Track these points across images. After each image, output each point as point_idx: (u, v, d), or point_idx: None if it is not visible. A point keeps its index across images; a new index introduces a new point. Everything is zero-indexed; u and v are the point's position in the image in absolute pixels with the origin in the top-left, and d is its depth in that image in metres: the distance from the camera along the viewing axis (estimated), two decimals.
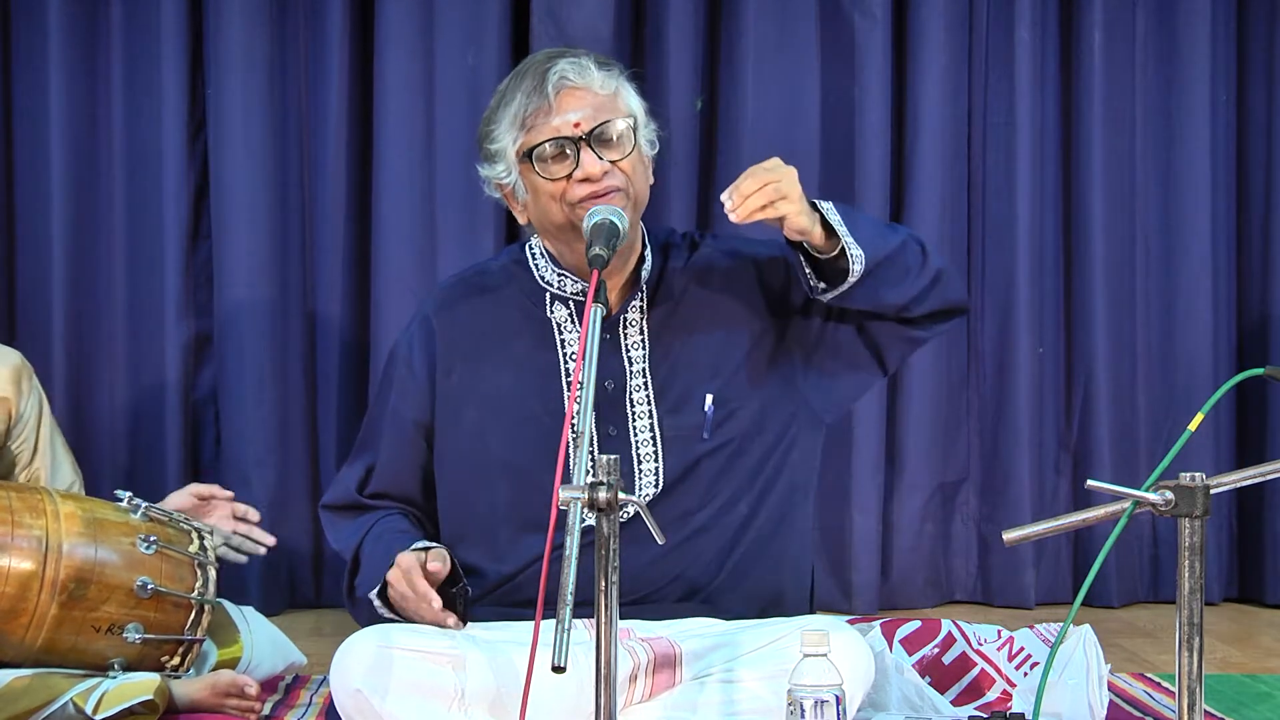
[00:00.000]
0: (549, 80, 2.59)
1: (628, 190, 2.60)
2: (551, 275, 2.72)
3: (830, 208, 2.56)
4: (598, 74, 2.62)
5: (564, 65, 2.61)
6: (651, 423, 2.67)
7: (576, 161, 2.58)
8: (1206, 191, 4.50)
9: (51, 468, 3.15)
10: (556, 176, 2.59)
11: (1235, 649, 3.94)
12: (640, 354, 2.70)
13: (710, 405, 2.67)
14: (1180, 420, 4.53)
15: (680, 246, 2.80)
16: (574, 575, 2.02)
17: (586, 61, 2.63)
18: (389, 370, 2.84)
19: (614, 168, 2.59)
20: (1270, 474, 2.21)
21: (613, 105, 2.63)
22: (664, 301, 2.74)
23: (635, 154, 2.63)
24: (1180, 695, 2.09)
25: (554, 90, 2.59)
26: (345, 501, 2.83)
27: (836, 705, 2.19)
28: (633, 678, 2.53)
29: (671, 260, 2.77)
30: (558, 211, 2.61)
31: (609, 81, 2.64)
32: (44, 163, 4.19)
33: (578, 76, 2.60)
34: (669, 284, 2.75)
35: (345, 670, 2.48)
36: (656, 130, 2.74)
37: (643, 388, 2.68)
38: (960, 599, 4.52)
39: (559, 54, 2.65)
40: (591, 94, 2.61)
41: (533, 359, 2.70)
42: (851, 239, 2.53)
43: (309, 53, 4.29)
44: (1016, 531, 2.19)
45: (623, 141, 2.61)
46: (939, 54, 4.39)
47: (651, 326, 2.71)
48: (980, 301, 4.49)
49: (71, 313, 4.21)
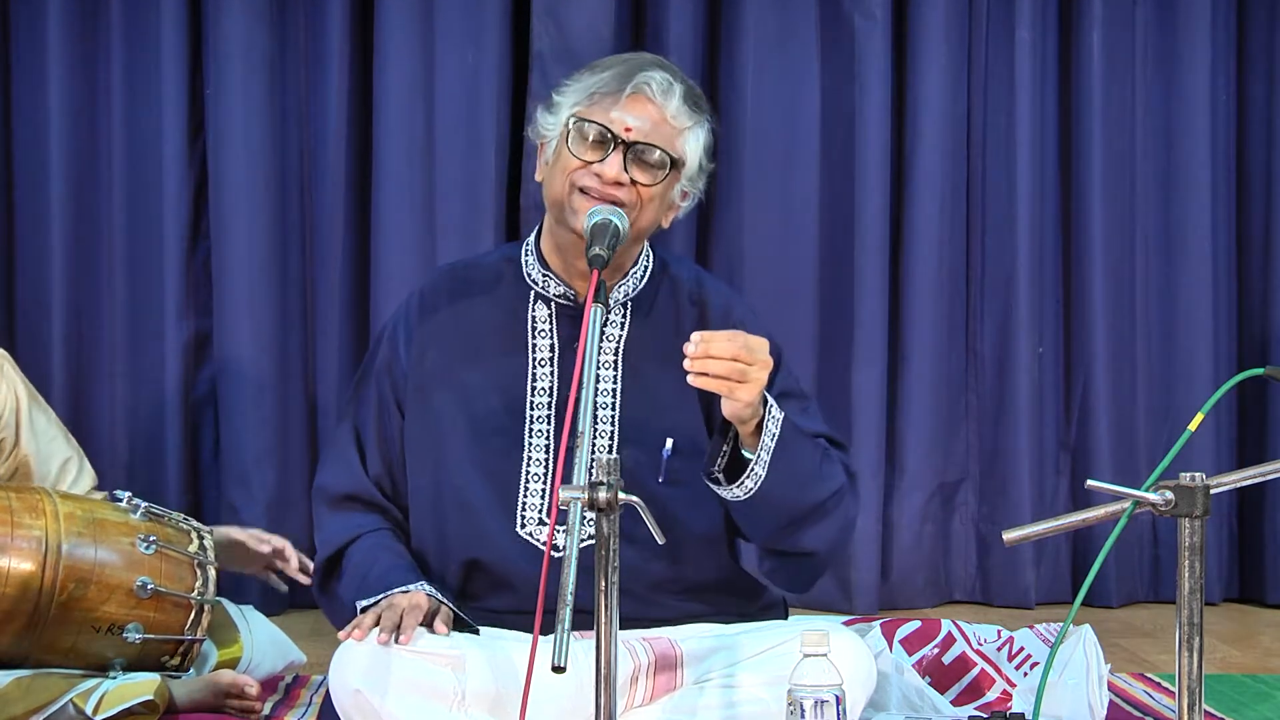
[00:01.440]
0: (634, 78, 2.58)
1: (632, 211, 2.58)
2: (537, 274, 2.72)
3: (776, 424, 2.47)
4: (679, 104, 2.60)
5: (655, 75, 2.59)
6: (611, 445, 2.64)
7: (605, 158, 2.58)
8: (1206, 191, 4.50)
9: (40, 451, 3.10)
10: (581, 157, 2.59)
11: (1235, 649, 3.94)
12: (610, 374, 2.68)
13: (669, 449, 2.64)
14: (1180, 420, 4.53)
15: (680, 277, 2.76)
16: (574, 575, 2.02)
17: (678, 87, 2.61)
18: (376, 345, 2.82)
19: (631, 186, 2.58)
20: (1270, 474, 2.21)
21: (671, 138, 2.60)
22: (645, 325, 2.71)
23: (659, 189, 2.60)
24: (1180, 695, 2.09)
25: (632, 89, 2.58)
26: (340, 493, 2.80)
27: (836, 705, 2.19)
28: (634, 680, 2.53)
29: (664, 285, 2.74)
30: (561, 186, 2.61)
31: (685, 118, 2.61)
32: (44, 163, 4.19)
33: (660, 94, 2.59)
34: (657, 308, 2.72)
35: (344, 670, 2.48)
36: (699, 190, 2.69)
37: (610, 407, 2.67)
38: (960, 599, 4.52)
39: (665, 68, 2.64)
40: (661, 115, 2.59)
41: (503, 358, 2.70)
42: (764, 466, 2.46)
43: (309, 53, 4.29)
44: (1016, 531, 2.19)
45: (655, 171, 2.59)
46: (939, 54, 4.40)
47: (628, 345, 2.70)
48: (980, 302, 4.49)
49: (71, 312, 4.21)
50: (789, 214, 4.37)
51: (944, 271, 4.44)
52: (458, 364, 2.71)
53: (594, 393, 2.60)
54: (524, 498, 2.64)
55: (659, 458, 2.63)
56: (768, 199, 4.36)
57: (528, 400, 2.67)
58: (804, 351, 4.32)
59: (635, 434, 2.64)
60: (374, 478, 2.75)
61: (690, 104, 2.62)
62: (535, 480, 2.64)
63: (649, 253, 2.74)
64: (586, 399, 2.20)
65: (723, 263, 4.36)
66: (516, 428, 2.66)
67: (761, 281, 4.32)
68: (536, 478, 2.64)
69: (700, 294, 2.74)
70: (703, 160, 2.67)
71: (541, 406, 2.67)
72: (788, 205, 4.37)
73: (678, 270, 2.77)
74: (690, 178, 2.66)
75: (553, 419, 2.66)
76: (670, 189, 2.64)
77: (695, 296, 2.74)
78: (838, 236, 4.41)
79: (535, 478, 2.64)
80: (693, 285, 2.75)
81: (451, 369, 2.71)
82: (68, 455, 3.15)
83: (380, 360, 2.77)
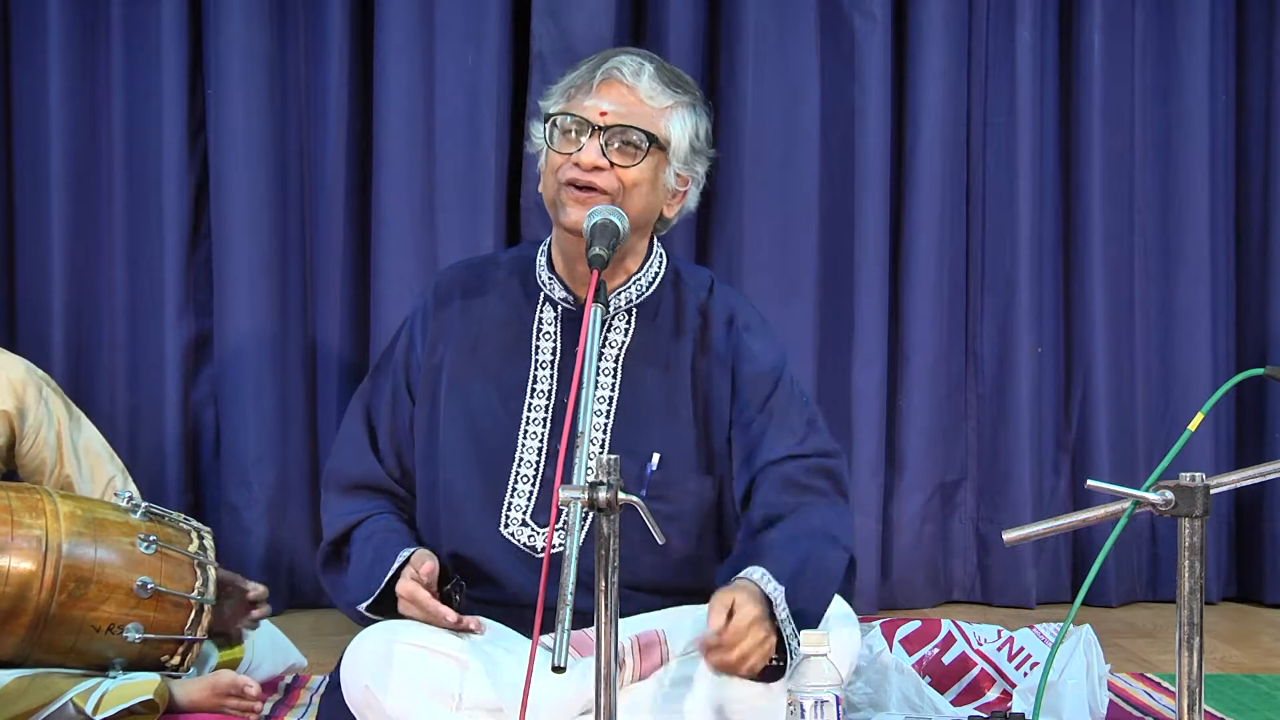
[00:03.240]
0: (603, 66, 2.60)
1: (616, 197, 2.57)
2: (545, 277, 2.72)
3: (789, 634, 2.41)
4: (653, 84, 2.60)
5: (626, 60, 2.61)
6: (602, 450, 2.62)
7: (584, 145, 2.58)
8: (1205, 191, 4.50)
9: (79, 469, 3.13)
10: (560, 150, 2.59)
11: (1235, 649, 3.94)
12: (609, 380, 2.68)
13: (655, 464, 2.63)
14: (1179, 420, 4.53)
15: (691, 285, 2.74)
16: (574, 575, 2.02)
17: (649, 67, 2.61)
18: (398, 333, 2.83)
19: (611, 171, 2.58)
20: (1270, 474, 2.21)
21: (650, 118, 2.60)
22: (648, 332, 2.70)
23: (644, 171, 2.59)
24: (1180, 695, 2.09)
25: (602, 75, 2.59)
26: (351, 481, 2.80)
27: (836, 705, 2.20)
28: (620, 661, 2.52)
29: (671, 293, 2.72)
30: (550, 185, 2.62)
31: (663, 97, 2.61)
32: (44, 163, 4.18)
33: (631, 75, 2.59)
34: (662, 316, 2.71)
35: (355, 666, 2.51)
36: (700, 176, 2.68)
37: (604, 414, 2.66)
38: (960, 599, 4.52)
39: (638, 53, 2.65)
40: (635, 97, 2.60)
41: (506, 358, 2.70)
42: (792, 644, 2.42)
43: (309, 53, 4.29)
44: (1016, 531, 2.19)
45: (635, 152, 2.59)
46: (939, 54, 4.39)
47: (629, 351, 2.69)
48: (979, 301, 4.49)
49: (71, 312, 4.21)
50: (789, 214, 4.37)
51: (944, 271, 4.44)
52: (464, 360, 2.72)
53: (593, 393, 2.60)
54: (510, 498, 2.64)
55: (645, 470, 2.63)
56: (768, 199, 4.36)
57: (526, 402, 2.67)
58: (804, 351, 4.31)
59: (626, 443, 2.63)
60: (384, 464, 2.77)
61: (665, 82, 2.62)
62: (524, 481, 2.64)
63: (662, 258, 2.73)
64: (587, 399, 2.20)
65: (723, 262, 4.35)
66: (511, 428, 2.66)
67: (761, 281, 4.31)
68: (525, 479, 2.65)
69: (707, 303, 2.73)
70: (694, 141, 2.65)
71: (539, 409, 2.67)
72: (788, 205, 4.37)
73: (690, 278, 2.76)
74: (682, 160, 2.64)
75: (548, 422, 2.66)
76: (659, 172, 2.62)
77: (703, 305, 2.73)
78: (838, 236, 4.40)
79: (524, 479, 2.65)
80: (703, 294, 2.74)
81: (458, 364, 2.72)
82: (111, 475, 3.17)
83: (399, 349, 2.79)
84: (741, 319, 2.72)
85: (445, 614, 2.51)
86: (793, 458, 2.64)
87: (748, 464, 2.65)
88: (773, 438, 2.65)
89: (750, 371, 2.69)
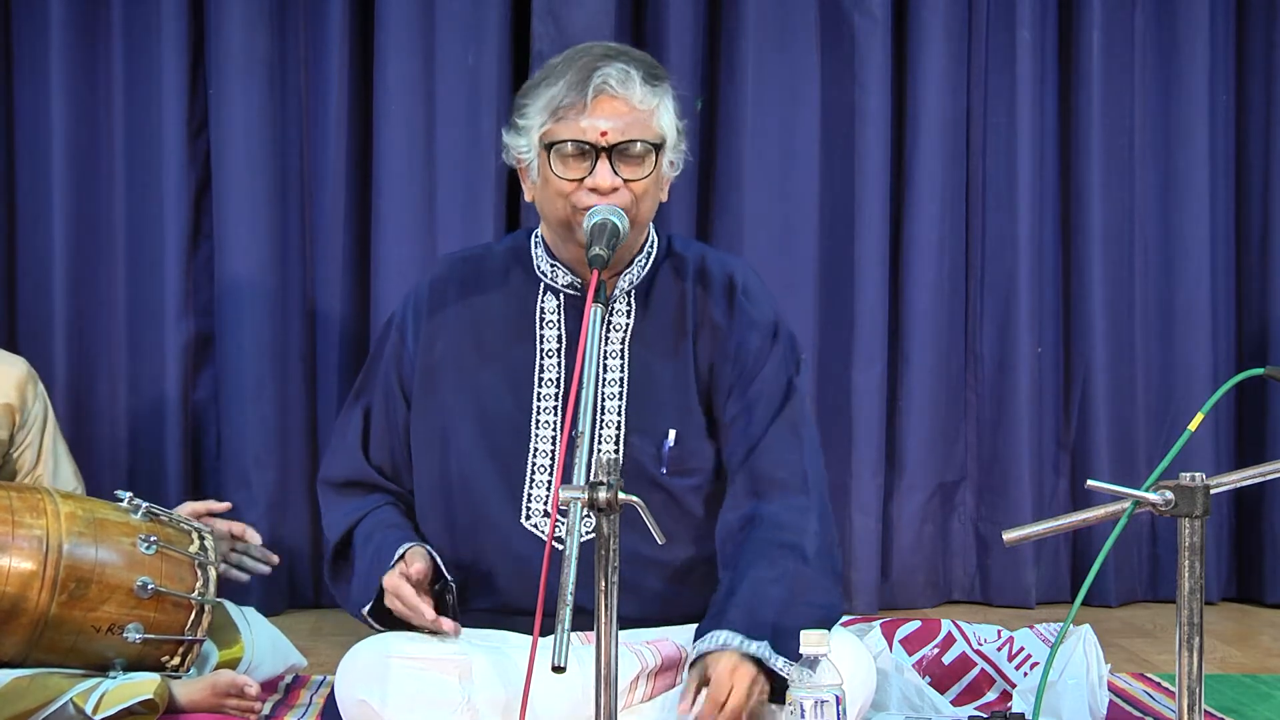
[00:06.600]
0: (591, 82, 2.55)
1: (631, 209, 2.57)
2: (546, 265, 2.72)
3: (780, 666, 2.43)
4: (641, 88, 2.57)
5: (612, 71, 2.56)
6: (618, 434, 2.64)
7: (593, 169, 2.57)
8: (1205, 191, 4.50)
9: (53, 474, 3.16)
10: (569, 177, 2.58)
11: (1235, 649, 3.94)
12: (618, 363, 2.69)
13: (671, 440, 2.65)
14: (1179, 420, 4.53)
15: (685, 256, 2.75)
16: (574, 575, 2.02)
17: (635, 72, 2.57)
18: (385, 331, 2.82)
19: (625, 186, 2.57)
20: (1270, 474, 2.21)
21: (646, 124, 2.58)
22: (647, 313, 2.70)
23: (652, 177, 2.60)
24: (1180, 695, 2.09)
25: (593, 93, 2.55)
26: (343, 479, 2.80)
27: (836, 705, 2.19)
28: (634, 683, 2.53)
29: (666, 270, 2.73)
30: (561, 208, 2.60)
31: (650, 98, 2.59)
32: (44, 163, 4.19)
33: (620, 86, 2.56)
34: (660, 295, 2.72)
35: (350, 679, 2.49)
36: (685, 151, 2.69)
37: (617, 397, 2.67)
38: (960, 599, 4.52)
39: (614, 55, 2.60)
40: (629, 106, 2.57)
41: (511, 349, 2.70)
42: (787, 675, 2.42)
43: (309, 53, 4.29)
44: (1016, 531, 2.19)
45: (644, 163, 2.58)
46: (939, 54, 4.40)
47: (634, 334, 2.70)
48: (979, 302, 4.49)
49: (72, 313, 4.21)
50: (789, 214, 4.37)
51: (944, 271, 4.44)
52: (467, 354, 2.71)
53: (598, 386, 2.60)
54: (530, 489, 2.64)
55: (661, 451, 2.64)
56: (768, 199, 4.36)
57: (535, 391, 2.67)
58: (804, 351, 4.31)
59: (641, 423, 2.65)
60: (376, 463, 2.77)
61: (650, 82, 2.60)
62: (541, 472, 2.64)
63: (654, 239, 2.74)
64: (586, 399, 2.20)
65: None
66: (524, 419, 2.66)
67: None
68: (543, 469, 2.64)
69: (704, 270, 2.73)
70: (677, 124, 2.65)
71: (548, 398, 2.67)
72: (788, 205, 4.37)
73: (683, 250, 2.76)
74: (674, 146, 2.65)
75: (559, 410, 2.65)
76: (660, 169, 2.63)
77: (699, 274, 2.73)
78: (838, 236, 4.40)
79: (541, 469, 2.64)
80: (697, 263, 2.74)
81: (460, 359, 2.71)
82: (74, 487, 3.18)
83: (389, 349, 2.78)
84: (739, 280, 2.74)
85: (423, 610, 2.49)
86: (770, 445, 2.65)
87: (740, 436, 2.66)
88: (760, 417, 2.67)
89: (747, 339, 2.71)
